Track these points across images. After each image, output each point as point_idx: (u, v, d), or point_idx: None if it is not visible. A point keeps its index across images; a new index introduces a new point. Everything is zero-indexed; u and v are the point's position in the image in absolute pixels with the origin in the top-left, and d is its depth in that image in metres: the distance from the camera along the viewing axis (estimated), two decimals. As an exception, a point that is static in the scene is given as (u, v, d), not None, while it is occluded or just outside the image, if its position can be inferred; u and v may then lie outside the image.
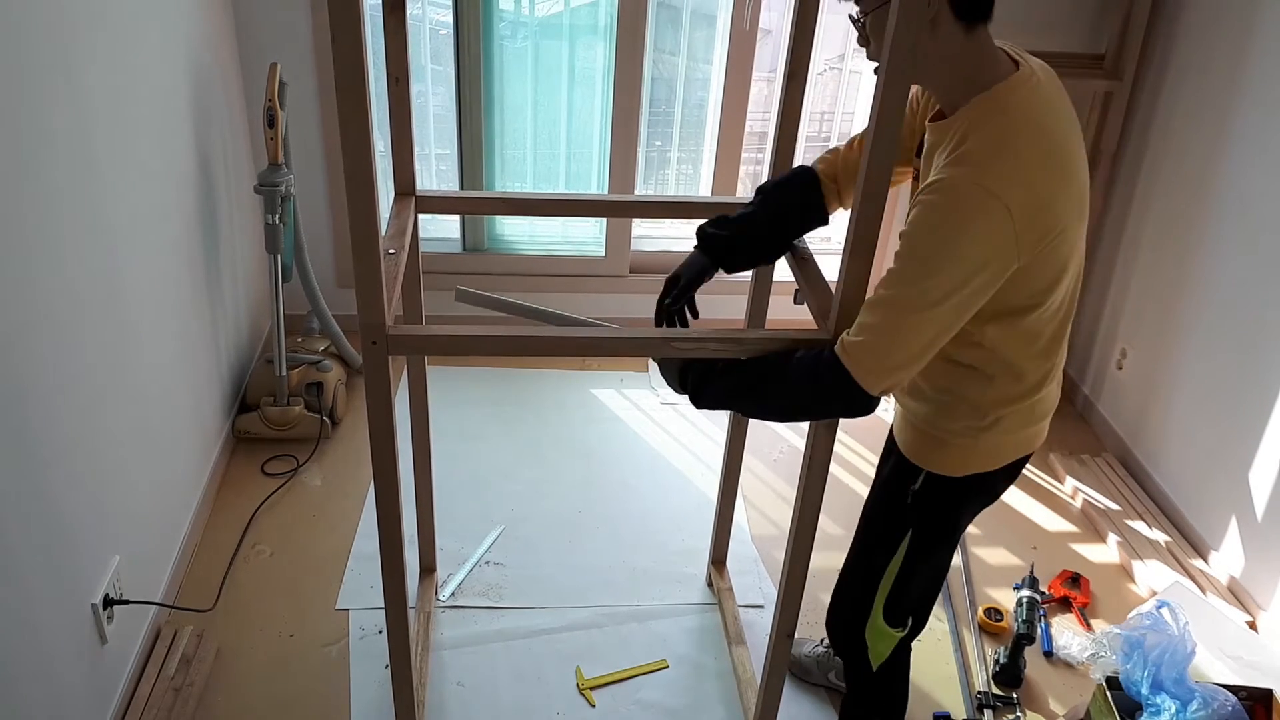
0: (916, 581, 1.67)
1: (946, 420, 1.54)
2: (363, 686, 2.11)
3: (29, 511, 1.60)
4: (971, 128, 1.33)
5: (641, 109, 3.20)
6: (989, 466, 1.57)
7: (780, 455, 3.00)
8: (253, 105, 3.00)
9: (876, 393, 1.37)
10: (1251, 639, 2.33)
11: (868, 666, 1.77)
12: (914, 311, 1.32)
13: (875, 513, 1.73)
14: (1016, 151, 1.31)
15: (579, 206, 2.22)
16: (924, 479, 1.59)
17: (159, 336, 2.25)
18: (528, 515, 2.67)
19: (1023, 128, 1.33)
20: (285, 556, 2.47)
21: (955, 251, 1.29)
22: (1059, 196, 1.33)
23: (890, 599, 1.67)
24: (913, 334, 1.33)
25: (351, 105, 1.19)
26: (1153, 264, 2.95)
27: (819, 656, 2.21)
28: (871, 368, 1.36)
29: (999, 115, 1.33)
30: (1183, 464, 2.77)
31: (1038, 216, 1.30)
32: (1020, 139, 1.32)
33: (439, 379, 3.12)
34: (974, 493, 1.62)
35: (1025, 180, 1.29)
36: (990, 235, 1.28)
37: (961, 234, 1.29)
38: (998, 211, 1.27)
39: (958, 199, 1.29)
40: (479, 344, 1.58)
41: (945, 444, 1.56)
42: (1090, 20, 3.07)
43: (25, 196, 1.60)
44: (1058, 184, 1.33)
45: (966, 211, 1.28)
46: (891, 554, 1.64)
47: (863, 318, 1.37)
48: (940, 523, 1.64)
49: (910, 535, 1.62)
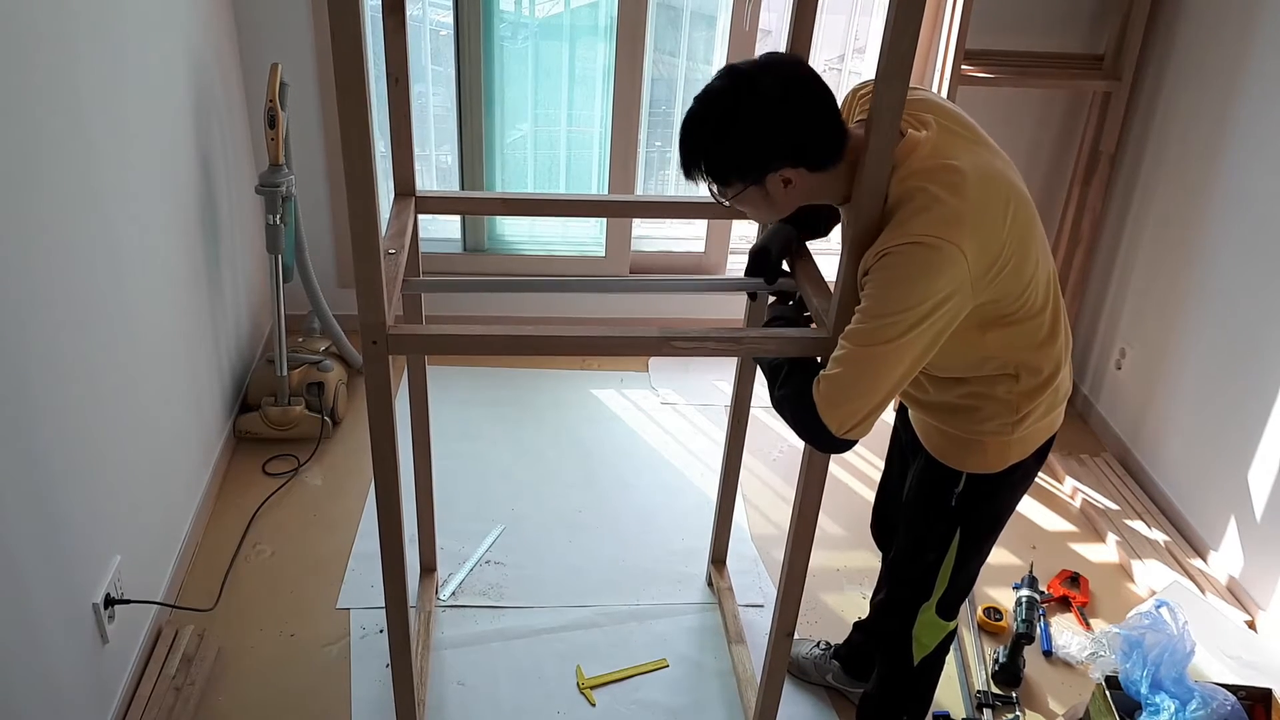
0: (968, 571, 1.73)
1: (980, 423, 1.57)
2: (363, 686, 2.12)
3: (30, 511, 1.61)
4: (896, 201, 1.36)
5: (642, 109, 3.20)
6: (1024, 455, 1.61)
7: (780, 455, 3.01)
8: (254, 106, 3.00)
9: (840, 434, 1.39)
10: (1250, 639, 2.34)
11: (909, 661, 1.81)
12: (879, 350, 1.34)
13: (919, 515, 1.73)
14: (950, 202, 1.32)
15: (579, 206, 2.22)
16: (965, 481, 1.62)
17: (160, 336, 2.25)
18: (528, 515, 2.67)
19: (941, 180, 1.34)
20: (286, 556, 2.47)
21: (917, 292, 1.32)
22: (998, 228, 1.36)
23: (946, 592, 1.73)
24: (881, 372, 1.36)
25: (352, 106, 1.19)
26: (1152, 264, 2.95)
27: (816, 658, 2.22)
28: (838, 403, 1.38)
29: (913, 181, 1.35)
30: (1182, 464, 2.77)
31: (985, 254, 1.34)
32: (946, 191, 1.33)
33: (439, 379, 3.12)
34: (1014, 482, 1.66)
35: (970, 224, 1.32)
36: (950, 273, 1.31)
37: (921, 276, 1.32)
38: (952, 253, 1.30)
39: (912, 252, 1.31)
40: (479, 344, 1.59)
41: (982, 445, 1.59)
42: (1089, 20, 3.08)
43: (25, 197, 1.60)
44: (996, 215, 1.36)
45: (921, 258, 1.31)
46: (944, 552, 1.68)
47: (830, 367, 1.39)
48: (987, 517, 1.69)
49: (960, 534, 1.67)
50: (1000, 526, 1.73)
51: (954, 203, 1.32)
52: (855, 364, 1.36)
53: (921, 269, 1.31)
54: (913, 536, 1.75)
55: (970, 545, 1.68)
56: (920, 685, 1.89)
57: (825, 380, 1.39)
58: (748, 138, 1.36)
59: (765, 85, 1.34)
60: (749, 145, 1.37)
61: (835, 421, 1.38)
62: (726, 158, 1.40)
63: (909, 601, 1.77)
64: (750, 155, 1.38)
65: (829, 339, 1.44)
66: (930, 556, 1.70)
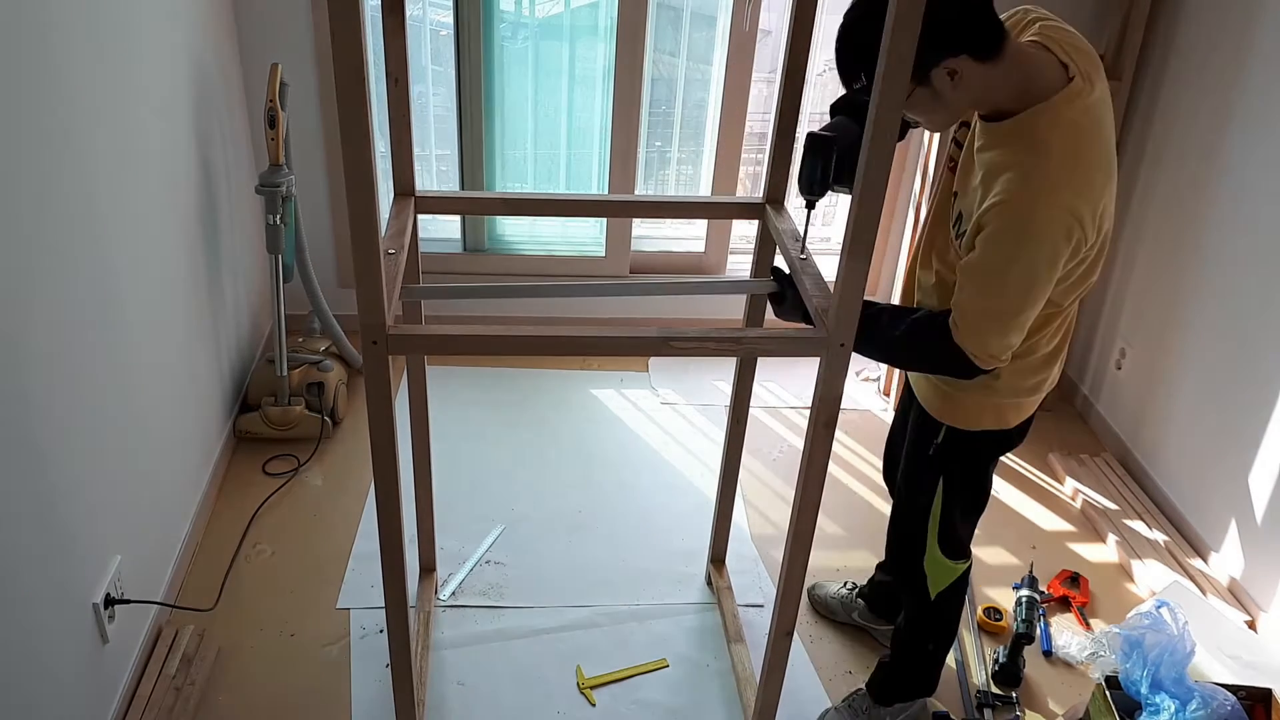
0: (959, 516, 1.82)
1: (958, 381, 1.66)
2: (363, 686, 2.12)
3: (30, 511, 1.61)
4: (1034, 142, 1.43)
5: (642, 109, 3.20)
6: (999, 425, 1.72)
7: (779, 455, 3.01)
8: (254, 106, 3.00)
9: (990, 367, 1.53)
10: (1251, 639, 2.34)
11: (926, 595, 1.90)
12: (1012, 312, 1.48)
13: (910, 463, 1.86)
14: (1083, 170, 1.42)
15: (579, 206, 2.22)
16: (944, 433, 1.73)
17: (160, 336, 2.25)
18: (528, 515, 2.67)
19: (1086, 145, 1.44)
20: (286, 556, 2.47)
21: (1035, 257, 1.43)
22: (1110, 202, 1.49)
23: (941, 534, 1.82)
24: (1014, 325, 1.49)
25: (351, 106, 1.19)
26: (1152, 264, 2.95)
27: (843, 597, 2.36)
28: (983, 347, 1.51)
29: (1061, 131, 1.42)
30: (1182, 464, 2.77)
31: (1095, 223, 1.45)
32: (1085, 157, 1.43)
33: (439, 379, 3.13)
34: (991, 444, 1.76)
35: (1091, 197, 1.43)
36: (1066, 242, 1.42)
37: (1039, 246, 1.42)
38: (1073, 228, 1.41)
39: (1034, 216, 1.41)
40: (479, 344, 1.58)
41: (959, 401, 1.69)
42: (1089, 21, 3.08)
43: (25, 197, 1.60)
44: (1109, 192, 1.48)
45: (1042, 225, 1.41)
46: (931, 497, 1.79)
47: (975, 317, 1.50)
48: (965, 470, 1.79)
49: (942, 481, 1.78)
50: (981, 487, 1.83)
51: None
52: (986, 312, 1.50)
53: (1044, 229, 1.42)
54: (906, 479, 1.89)
55: (954, 493, 1.78)
56: (941, 617, 1.96)
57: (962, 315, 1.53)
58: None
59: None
60: None
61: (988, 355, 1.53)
62: None
63: (914, 539, 1.86)
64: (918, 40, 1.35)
65: (829, 339, 1.44)
66: (922, 500, 1.81)
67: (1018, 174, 1.42)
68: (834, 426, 1.56)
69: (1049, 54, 1.46)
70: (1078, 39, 1.50)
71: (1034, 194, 1.40)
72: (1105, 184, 1.46)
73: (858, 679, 2.21)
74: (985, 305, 1.48)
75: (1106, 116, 1.48)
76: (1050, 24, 1.52)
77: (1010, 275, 1.44)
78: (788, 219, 1.84)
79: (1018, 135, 1.45)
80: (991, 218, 1.43)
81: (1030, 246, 1.42)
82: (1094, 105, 1.45)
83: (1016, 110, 1.45)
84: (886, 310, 1.60)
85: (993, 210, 1.43)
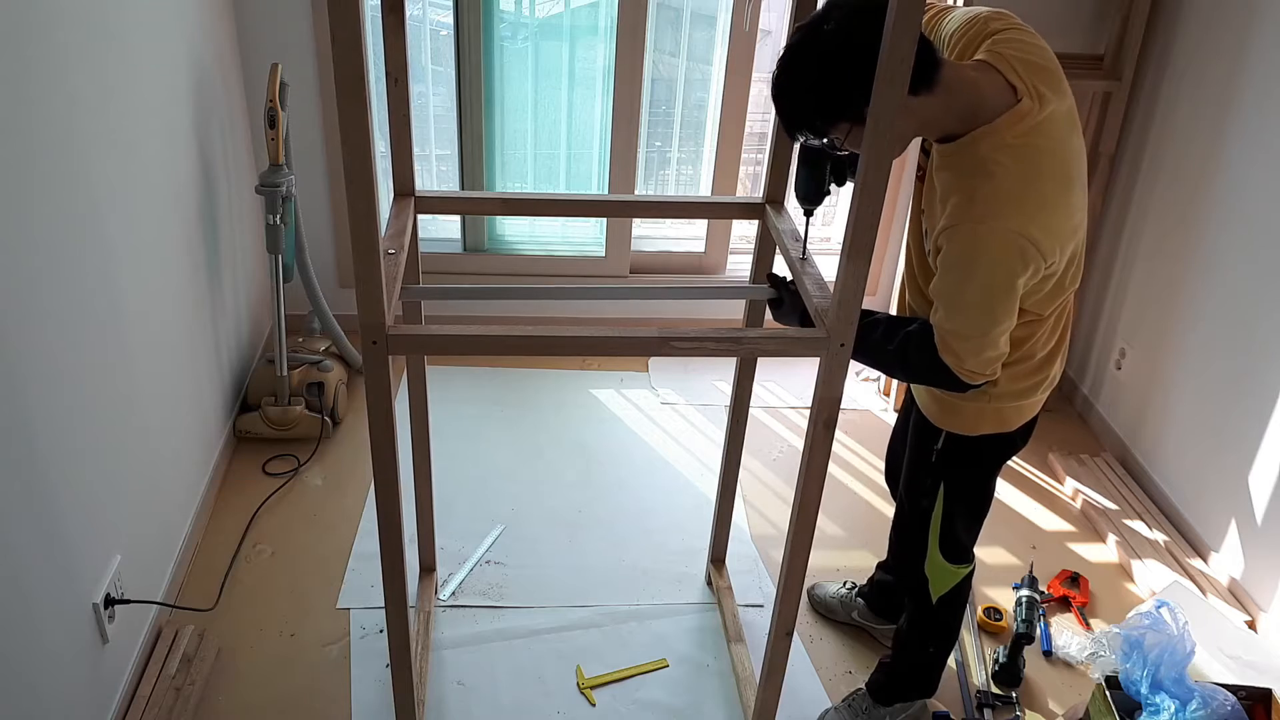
0: (960, 521, 1.82)
1: None
2: (363, 686, 2.12)
3: (30, 511, 1.61)
4: (978, 165, 1.43)
5: (642, 109, 3.20)
6: (1000, 429, 1.71)
7: (779, 455, 3.01)
8: (254, 106, 3.00)
9: (979, 383, 1.54)
10: (1251, 639, 2.34)
11: (928, 599, 1.90)
12: (979, 333, 1.48)
13: (911, 467, 1.86)
14: (1035, 191, 1.42)
15: (579, 206, 2.22)
16: (944, 439, 1.73)
17: (160, 336, 2.25)
18: (528, 515, 2.67)
19: (1036, 165, 1.43)
20: (286, 556, 2.47)
21: (989, 281, 1.44)
22: (1065, 223, 1.46)
23: (942, 539, 1.82)
24: (985, 343, 1.50)
25: (351, 106, 1.19)
26: (1151, 264, 2.95)
27: (843, 596, 2.37)
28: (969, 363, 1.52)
29: (1008, 152, 1.42)
30: (1182, 464, 2.77)
31: (1054, 241, 1.44)
32: (1036, 178, 1.42)
33: (439, 379, 3.13)
34: (993, 448, 1.76)
35: (1044, 218, 1.42)
36: (1021, 265, 1.42)
37: (992, 269, 1.43)
38: (1026, 249, 1.41)
39: (981, 241, 1.41)
40: (479, 344, 1.58)
41: (959, 408, 1.69)
42: (1089, 21, 3.08)
43: (25, 197, 1.60)
44: (1071, 205, 1.47)
45: (991, 249, 1.41)
46: (932, 501, 1.79)
47: (947, 337, 1.50)
48: (966, 475, 1.79)
49: (943, 486, 1.77)
50: (984, 492, 1.82)
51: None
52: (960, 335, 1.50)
53: (1000, 257, 1.43)
54: (908, 483, 1.88)
55: (955, 501, 1.78)
56: (943, 620, 1.96)
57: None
58: (831, 79, 1.39)
59: (830, 26, 1.38)
60: (835, 85, 1.39)
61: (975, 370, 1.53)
62: (820, 107, 1.43)
63: (915, 543, 1.86)
64: (840, 95, 1.39)
65: (828, 339, 1.44)
66: (924, 503, 1.81)
67: (963, 198, 1.43)
68: (834, 426, 1.57)
69: (996, 74, 1.44)
70: (1034, 51, 1.48)
71: (979, 219, 1.41)
72: (1062, 200, 1.45)
73: (858, 679, 2.21)
74: (953, 327, 1.48)
75: (1063, 131, 1.46)
76: (1005, 36, 1.50)
77: (967, 298, 1.45)
78: (788, 219, 1.84)
79: (962, 158, 1.45)
80: (944, 241, 1.45)
81: (981, 271, 1.43)
82: (1045, 124, 1.44)
83: (964, 133, 1.45)
84: (883, 322, 1.59)
85: (944, 234, 1.45)
